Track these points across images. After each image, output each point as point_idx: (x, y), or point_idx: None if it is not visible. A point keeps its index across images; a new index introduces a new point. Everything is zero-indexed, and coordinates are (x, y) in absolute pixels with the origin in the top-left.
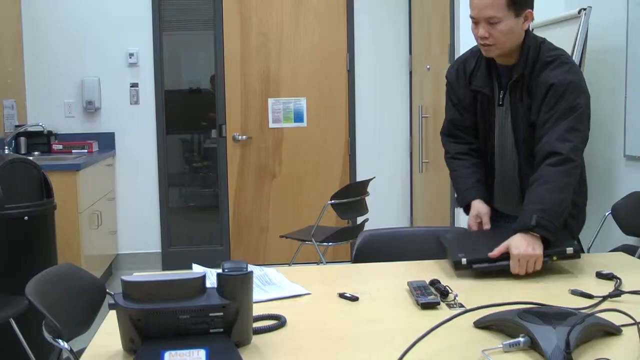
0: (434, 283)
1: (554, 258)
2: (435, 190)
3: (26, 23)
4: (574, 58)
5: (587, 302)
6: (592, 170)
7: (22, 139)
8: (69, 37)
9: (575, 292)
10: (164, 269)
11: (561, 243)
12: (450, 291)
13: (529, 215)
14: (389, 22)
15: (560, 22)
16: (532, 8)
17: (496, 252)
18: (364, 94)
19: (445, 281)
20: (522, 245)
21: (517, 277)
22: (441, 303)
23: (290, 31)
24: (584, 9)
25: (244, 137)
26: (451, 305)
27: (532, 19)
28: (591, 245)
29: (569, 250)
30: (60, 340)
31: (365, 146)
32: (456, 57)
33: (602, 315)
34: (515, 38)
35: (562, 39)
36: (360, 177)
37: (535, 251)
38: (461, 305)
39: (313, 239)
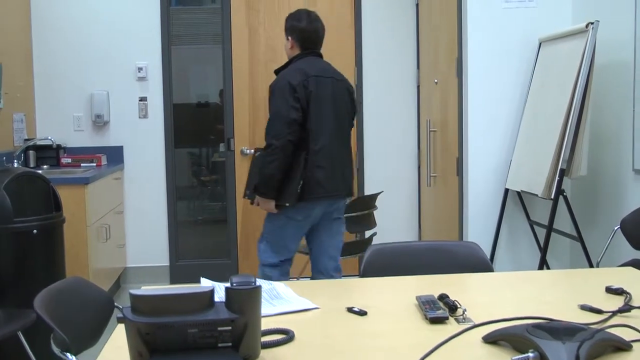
0: (443, 297)
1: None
2: (443, 204)
3: (36, 38)
4: (581, 72)
5: (597, 317)
6: (601, 185)
7: (31, 153)
8: (78, 51)
9: (584, 307)
10: (171, 283)
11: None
12: (459, 306)
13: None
14: (397, 37)
15: (567, 36)
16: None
17: None
18: (371, 108)
19: (454, 296)
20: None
21: (527, 291)
22: (450, 318)
23: None
24: (592, 23)
25: (252, 150)
26: (460, 320)
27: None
28: (600, 259)
29: None
30: (68, 354)
31: (373, 160)
32: (464, 70)
33: (612, 330)
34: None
35: (569, 53)
36: (368, 191)
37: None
38: (470, 320)
39: None
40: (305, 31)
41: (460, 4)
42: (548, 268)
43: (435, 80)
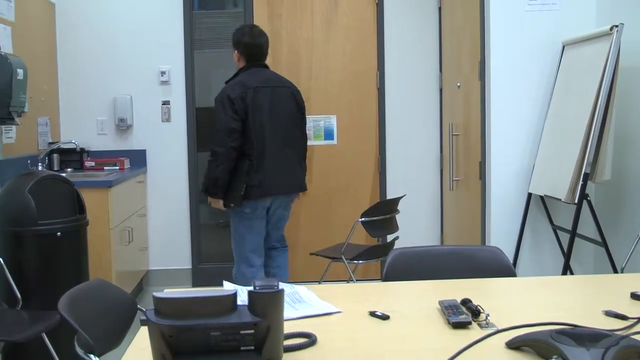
0: (466, 302)
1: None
2: (466, 208)
3: (60, 42)
4: (605, 75)
5: (622, 324)
6: (625, 189)
7: (55, 156)
8: (102, 56)
9: (609, 313)
10: (194, 286)
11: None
12: (481, 311)
13: None
14: (419, 40)
15: (591, 39)
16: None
17: None
18: (394, 112)
19: (476, 300)
20: None
21: (550, 297)
22: (472, 323)
23: (321, 49)
24: (616, 26)
25: None
26: (483, 325)
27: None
28: (625, 265)
29: None
30: (92, 356)
31: (395, 164)
32: (487, 74)
33: (637, 337)
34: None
35: (593, 56)
36: (390, 195)
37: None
38: (493, 325)
39: (343, 257)
40: (248, 45)
41: (483, 7)
42: (572, 273)
43: (458, 84)
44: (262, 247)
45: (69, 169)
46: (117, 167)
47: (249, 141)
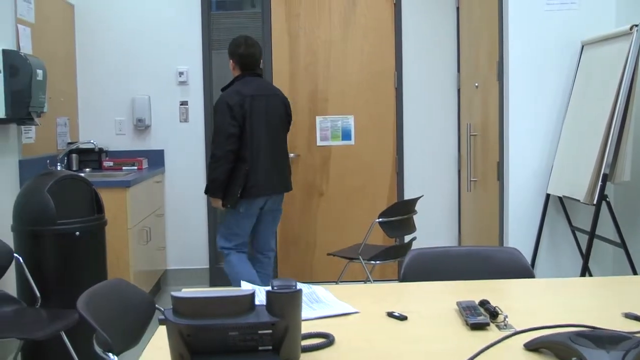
0: (484, 303)
1: None
2: (483, 209)
3: (79, 43)
4: (625, 75)
5: None
6: None
7: (74, 156)
8: (121, 56)
9: (629, 316)
10: (211, 285)
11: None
12: (500, 312)
13: None
14: (437, 40)
15: (611, 38)
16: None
17: None
18: (411, 112)
19: (494, 302)
20: None
21: (569, 298)
22: (491, 324)
23: (339, 50)
24: (636, 26)
25: (292, 154)
26: (501, 327)
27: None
28: None
29: None
30: (110, 354)
31: (413, 164)
32: (505, 74)
33: None
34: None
35: (613, 56)
36: (407, 195)
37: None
38: (511, 327)
39: (360, 257)
40: (242, 56)
41: (501, 6)
42: (590, 275)
43: (476, 84)
44: (247, 243)
45: (87, 169)
46: (135, 167)
47: (246, 145)
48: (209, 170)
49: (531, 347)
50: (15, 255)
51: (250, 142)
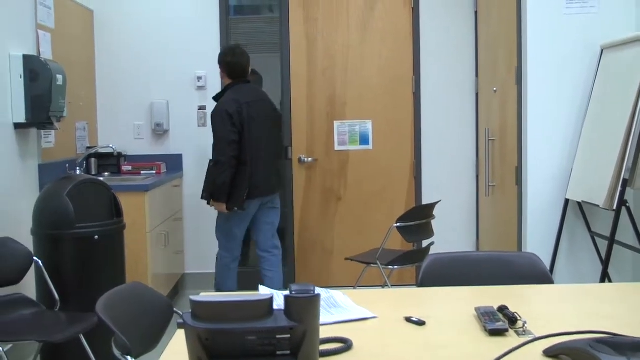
0: (503, 309)
1: None
2: (502, 214)
3: (99, 49)
4: None
5: None
6: None
7: (93, 160)
8: (139, 61)
9: None
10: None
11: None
12: (519, 318)
13: None
14: (455, 45)
15: (631, 42)
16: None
17: None
18: (429, 117)
19: (513, 308)
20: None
21: (589, 305)
22: (510, 330)
23: (357, 54)
24: None
25: (310, 159)
26: (520, 333)
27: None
28: None
29: None
30: (129, 357)
31: (431, 169)
32: (524, 78)
33: None
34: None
35: (633, 60)
36: (425, 200)
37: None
38: (530, 333)
39: (378, 262)
40: (230, 64)
41: (520, 10)
42: (610, 281)
43: (494, 88)
44: (242, 239)
45: (106, 173)
46: (154, 172)
47: (245, 150)
48: (214, 176)
49: (551, 353)
50: (35, 258)
51: (249, 146)
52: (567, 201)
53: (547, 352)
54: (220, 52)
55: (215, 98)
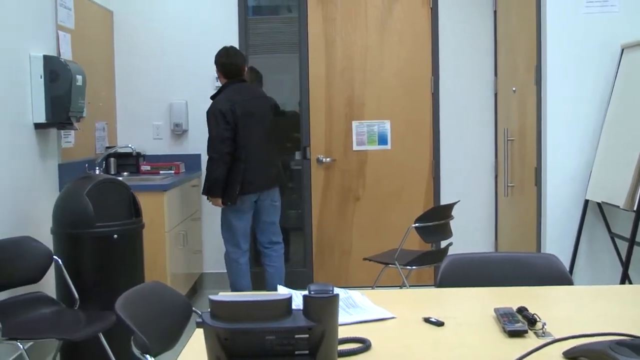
0: (522, 310)
1: None
2: (521, 214)
3: (118, 49)
4: None
5: None
6: None
7: (112, 160)
8: (158, 62)
9: None
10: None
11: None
12: (538, 319)
13: None
14: (474, 44)
15: None
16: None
17: None
18: (448, 117)
19: (532, 309)
20: None
21: (609, 306)
22: (529, 331)
23: (375, 54)
24: None
25: (328, 159)
26: (539, 334)
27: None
28: None
29: None
30: (148, 356)
31: (449, 169)
32: (543, 78)
33: None
34: None
35: None
36: (444, 201)
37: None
38: (550, 335)
39: (396, 262)
40: (225, 65)
41: (539, 9)
42: (630, 283)
43: (513, 88)
44: (249, 233)
45: (125, 173)
46: (173, 171)
47: (239, 146)
48: (208, 172)
49: (570, 355)
50: (55, 257)
51: (242, 143)
52: (586, 202)
53: (566, 354)
54: (217, 53)
55: (213, 97)
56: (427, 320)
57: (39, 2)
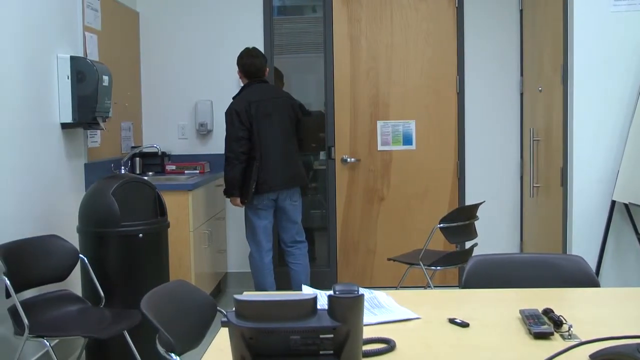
0: (548, 312)
1: None
2: (546, 215)
3: (144, 50)
4: None
5: None
6: None
7: (138, 160)
8: (184, 62)
9: None
10: None
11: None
12: (564, 321)
13: None
14: (500, 44)
15: None
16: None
17: None
18: (473, 117)
19: (558, 311)
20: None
21: (636, 309)
22: (555, 333)
23: (400, 54)
24: None
25: (353, 159)
26: (565, 336)
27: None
28: None
29: None
30: (172, 355)
31: (474, 169)
32: (570, 77)
33: None
34: None
35: None
36: (469, 201)
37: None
38: (576, 337)
39: (421, 263)
40: (246, 65)
41: (566, 8)
42: None
43: (540, 88)
44: (271, 232)
45: (150, 173)
46: (198, 171)
47: (255, 146)
48: (225, 172)
49: (597, 358)
50: (81, 255)
51: (259, 142)
52: (613, 203)
53: (593, 357)
54: (239, 54)
55: (234, 98)
56: (452, 321)
57: (66, 4)
